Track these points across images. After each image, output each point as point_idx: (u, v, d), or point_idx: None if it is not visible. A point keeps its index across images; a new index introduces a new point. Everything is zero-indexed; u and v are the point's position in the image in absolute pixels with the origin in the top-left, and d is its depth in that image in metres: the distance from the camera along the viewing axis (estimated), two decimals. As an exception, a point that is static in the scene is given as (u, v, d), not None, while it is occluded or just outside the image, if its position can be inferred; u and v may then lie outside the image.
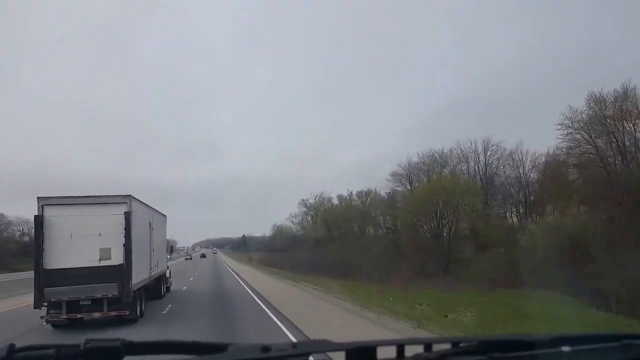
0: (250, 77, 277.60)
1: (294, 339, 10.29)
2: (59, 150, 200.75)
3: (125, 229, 13.65)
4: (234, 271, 51.30)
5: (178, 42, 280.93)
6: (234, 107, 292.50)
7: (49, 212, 13.28)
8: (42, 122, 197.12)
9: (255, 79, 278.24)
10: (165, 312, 17.48)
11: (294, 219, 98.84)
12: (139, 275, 15.10)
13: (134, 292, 13.97)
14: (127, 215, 13.78)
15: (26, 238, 67.57)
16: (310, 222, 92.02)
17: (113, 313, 13.63)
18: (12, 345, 1.20)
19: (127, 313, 13.83)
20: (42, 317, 13.32)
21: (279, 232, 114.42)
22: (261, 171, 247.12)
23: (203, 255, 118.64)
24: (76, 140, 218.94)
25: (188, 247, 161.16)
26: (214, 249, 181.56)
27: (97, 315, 13.57)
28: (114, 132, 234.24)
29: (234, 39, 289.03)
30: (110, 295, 13.42)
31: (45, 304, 13.11)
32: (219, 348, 1.24)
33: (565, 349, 1.21)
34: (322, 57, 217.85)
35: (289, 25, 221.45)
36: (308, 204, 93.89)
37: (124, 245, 13.59)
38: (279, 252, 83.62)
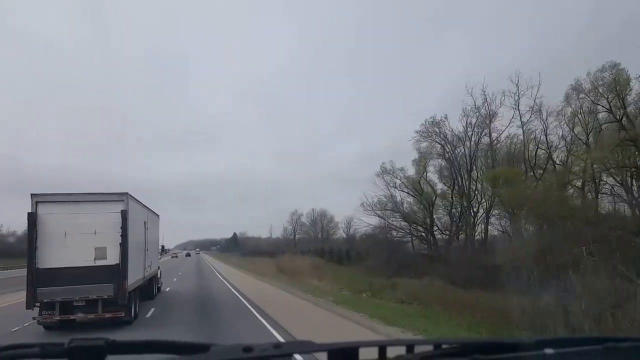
0: (243, 65, 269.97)
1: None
2: (27, 143, 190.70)
3: (121, 227, 13.72)
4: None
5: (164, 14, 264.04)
6: (224, 94, 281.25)
7: (43, 210, 13.34)
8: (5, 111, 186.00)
9: (248, 68, 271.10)
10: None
11: (402, 176, 51.64)
12: (134, 276, 15.18)
13: (129, 293, 14.02)
14: (124, 214, 13.85)
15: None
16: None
17: (108, 315, 13.67)
18: None
19: (122, 315, 13.89)
20: (34, 318, 13.38)
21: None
22: (249, 170, 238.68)
23: (188, 255, 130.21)
24: (44, 132, 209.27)
25: (168, 249, 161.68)
26: (197, 249, 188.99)
27: (91, 316, 13.61)
28: (82, 122, 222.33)
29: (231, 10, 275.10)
30: (105, 296, 13.46)
31: (38, 304, 13.15)
32: (202, 348, 1.27)
33: (549, 351, 1.24)
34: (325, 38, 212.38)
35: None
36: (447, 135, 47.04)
37: (120, 244, 13.65)
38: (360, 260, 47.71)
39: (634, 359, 1.35)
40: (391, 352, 1.29)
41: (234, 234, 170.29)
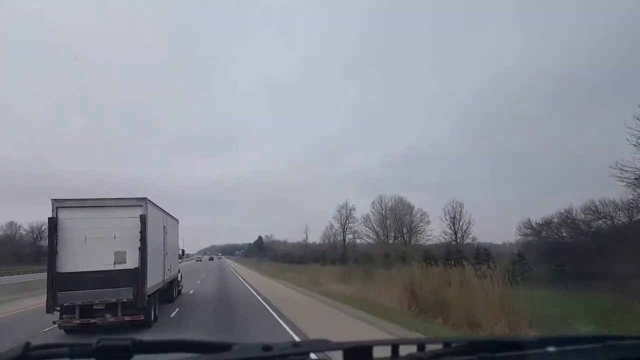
0: (266, 69, 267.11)
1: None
2: (47, 146, 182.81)
3: (140, 232, 14.02)
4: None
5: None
6: (248, 97, 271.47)
7: (63, 215, 13.71)
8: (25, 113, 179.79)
9: (270, 71, 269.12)
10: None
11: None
12: (154, 279, 15.48)
13: (148, 296, 14.30)
14: (143, 218, 14.14)
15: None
16: None
17: (127, 318, 13.96)
18: (28, 344, 1.37)
19: (142, 318, 14.17)
20: (54, 322, 13.70)
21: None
22: (273, 174, 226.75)
23: (211, 258, 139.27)
24: (63, 135, 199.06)
25: (190, 254, 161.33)
26: (219, 254, 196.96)
27: (111, 320, 13.87)
28: (104, 127, 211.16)
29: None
30: (125, 300, 13.77)
31: (58, 308, 13.51)
32: (224, 347, 1.38)
33: (551, 349, 1.33)
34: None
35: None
36: None
37: (139, 248, 13.94)
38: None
39: (635, 357, 1.42)
40: (403, 350, 1.39)
41: (259, 237, 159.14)
